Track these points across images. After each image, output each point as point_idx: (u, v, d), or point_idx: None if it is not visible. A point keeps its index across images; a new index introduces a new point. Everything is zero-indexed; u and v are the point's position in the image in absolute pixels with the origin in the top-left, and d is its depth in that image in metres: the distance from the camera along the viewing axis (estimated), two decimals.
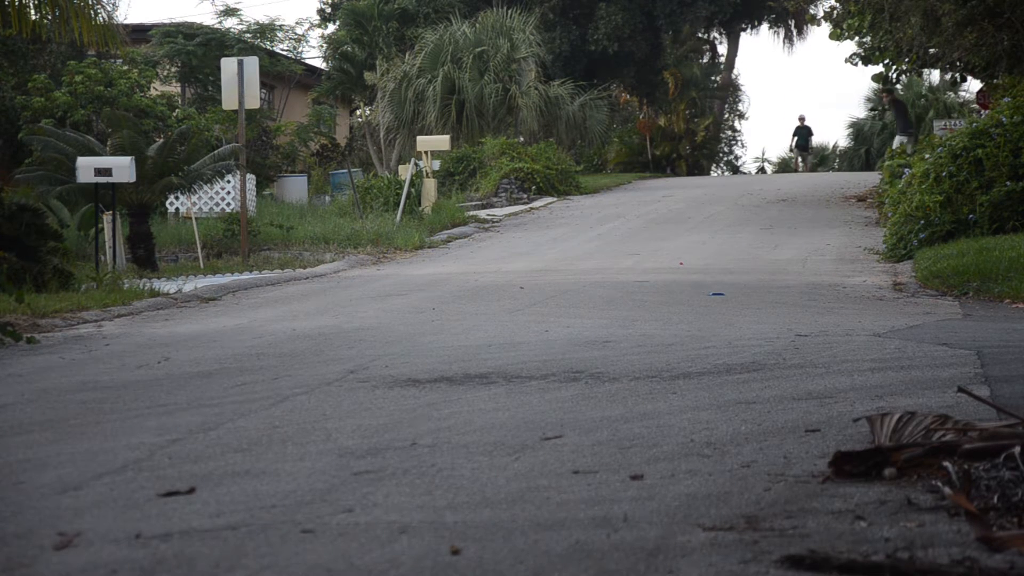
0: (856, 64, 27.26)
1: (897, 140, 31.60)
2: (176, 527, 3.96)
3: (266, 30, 38.25)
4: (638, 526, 3.88)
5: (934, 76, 49.14)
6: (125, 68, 30.30)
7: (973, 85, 42.18)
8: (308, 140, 37.28)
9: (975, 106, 33.61)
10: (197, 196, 26.13)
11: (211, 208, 27.29)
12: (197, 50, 34.93)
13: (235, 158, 21.01)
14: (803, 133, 41.65)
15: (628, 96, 45.82)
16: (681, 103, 44.13)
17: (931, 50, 24.45)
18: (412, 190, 26.04)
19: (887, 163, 25.75)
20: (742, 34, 51.14)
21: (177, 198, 26.32)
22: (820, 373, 7.10)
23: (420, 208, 25.90)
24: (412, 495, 4.36)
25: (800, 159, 43.25)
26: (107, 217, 18.87)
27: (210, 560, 3.61)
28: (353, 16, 38.08)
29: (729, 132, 55.52)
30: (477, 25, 34.50)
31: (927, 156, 18.03)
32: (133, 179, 17.76)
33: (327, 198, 31.70)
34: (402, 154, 33.38)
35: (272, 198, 31.20)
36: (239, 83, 20.04)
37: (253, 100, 20.32)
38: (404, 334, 9.80)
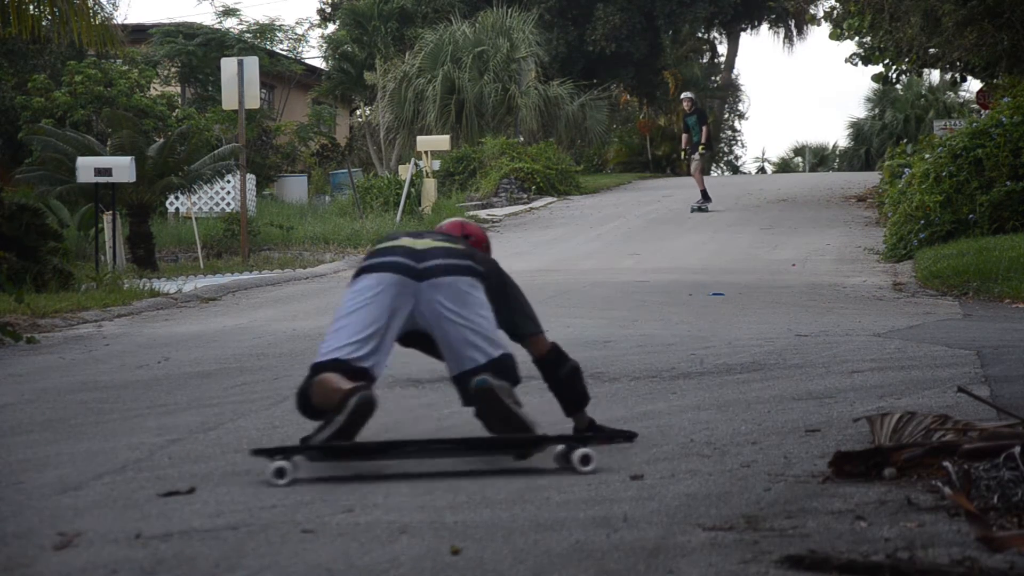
0: (856, 64, 27.26)
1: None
2: (176, 527, 3.96)
3: (266, 30, 38.26)
4: (638, 526, 3.88)
5: (934, 76, 49.23)
6: (125, 68, 30.28)
7: (973, 85, 42.22)
8: (308, 140, 37.29)
9: (975, 106, 33.57)
10: (197, 196, 26.14)
11: (211, 208, 27.30)
12: (197, 50, 34.94)
13: (235, 158, 21.01)
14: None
15: (628, 96, 45.79)
16: (682, 103, 44.12)
17: (931, 50, 24.45)
18: (412, 190, 26.04)
19: (887, 163, 25.73)
20: (742, 34, 51.14)
21: (177, 198, 26.32)
22: (820, 373, 7.09)
23: (420, 208, 25.89)
24: (412, 495, 4.36)
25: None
26: (107, 217, 18.86)
27: (210, 560, 3.61)
28: (353, 16, 38.08)
29: (729, 132, 55.61)
30: (477, 25, 34.47)
31: (927, 156, 18.02)
32: (133, 179, 17.76)
33: (327, 198, 31.71)
34: (402, 154, 33.37)
35: (272, 198, 31.21)
36: (239, 83, 20.04)
37: (253, 100, 20.31)
38: None
